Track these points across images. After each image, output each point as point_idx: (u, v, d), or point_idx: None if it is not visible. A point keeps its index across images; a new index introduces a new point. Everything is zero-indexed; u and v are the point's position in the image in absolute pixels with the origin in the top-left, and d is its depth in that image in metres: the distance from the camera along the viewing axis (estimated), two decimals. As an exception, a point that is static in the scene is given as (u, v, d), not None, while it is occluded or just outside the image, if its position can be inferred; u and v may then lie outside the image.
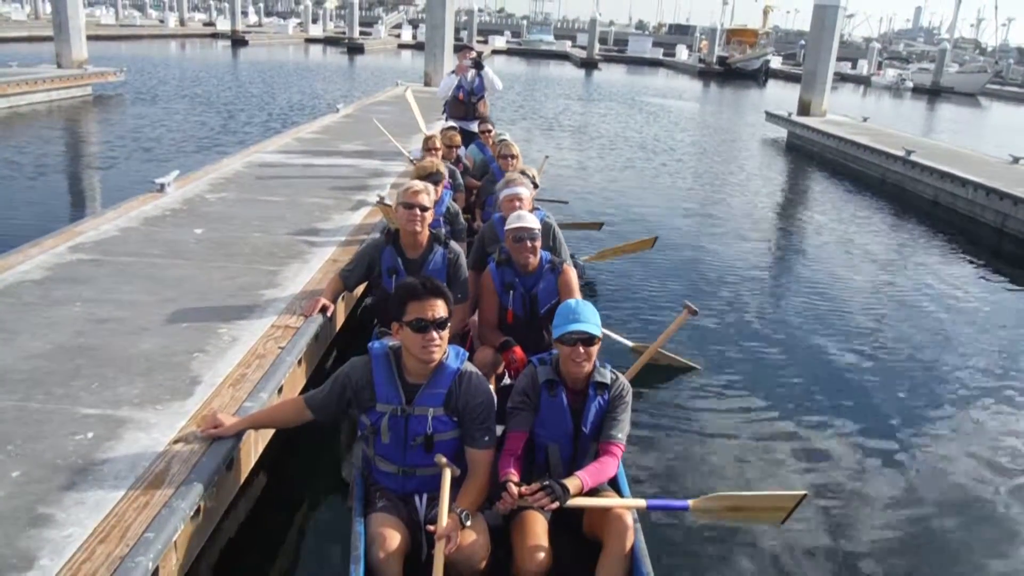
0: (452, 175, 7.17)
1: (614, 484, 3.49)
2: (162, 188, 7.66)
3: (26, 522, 2.70)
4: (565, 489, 3.03)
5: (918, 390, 6.08)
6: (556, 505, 3.01)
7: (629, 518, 3.14)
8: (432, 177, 5.80)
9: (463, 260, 4.90)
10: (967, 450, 5.18)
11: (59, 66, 21.32)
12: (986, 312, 8.26)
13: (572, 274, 4.66)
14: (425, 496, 3.21)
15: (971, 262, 10.51)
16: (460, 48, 11.64)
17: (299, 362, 4.26)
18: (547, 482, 3.04)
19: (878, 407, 5.72)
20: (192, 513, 2.90)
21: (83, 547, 2.61)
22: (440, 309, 3.07)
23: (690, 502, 3.26)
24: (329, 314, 4.86)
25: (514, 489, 3.04)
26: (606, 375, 3.37)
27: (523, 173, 6.05)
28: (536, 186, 6.69)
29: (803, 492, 3.22)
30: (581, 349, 3.24)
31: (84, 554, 2.58)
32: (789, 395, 5.80)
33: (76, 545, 2.61)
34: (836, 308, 7.94)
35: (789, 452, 4.97)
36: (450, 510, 2.92)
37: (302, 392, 4.01)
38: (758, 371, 6.19)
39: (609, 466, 3.26)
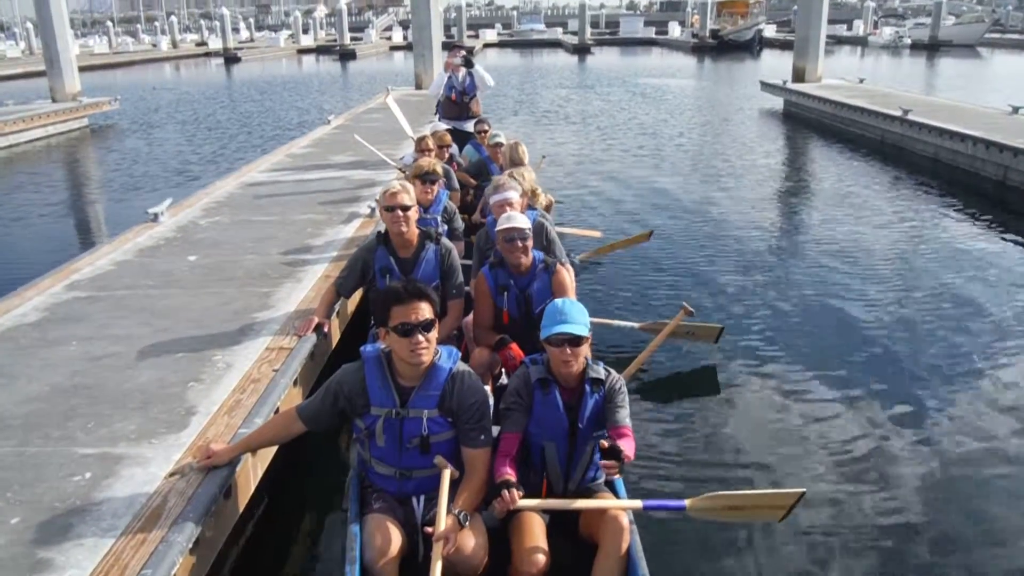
0: (446, 175, 7.18)
1: (610, 485, 3.51)
2: (156, 218, 7.72)
3: (26, 568, 2.74)
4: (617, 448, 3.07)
5: (928, 366, 5.88)
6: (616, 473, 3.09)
7: (625, 519, 3.14)
8: (428, 176, 5.83)
9: (455, 256, 4.92)
10: (983, 431, 4.98)
11: (53, 100, 21.47)
12: (994, 268, 8.18)
13: (565, 274, 4.64)
14: (422, 497, 3.24)
15: (975, 218, 10.44)
16: (450, 47, 11.62)
17: (295, 383, 4.28)
18: (611, 448, 3.06)
19: (885, 386, 5.57)
20: (191, 545, 2.93)
21: (82, 589, 2.65)
22: (424, 311, 3.08)
23: (687, 502, 3.25)
24: (325, 331, 4.90)
25: (514, 492, 3.05)
26: (599, 371, 3.37)
27: (512, 177, 6.05)
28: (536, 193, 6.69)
29: (802, 490, 3.19)
30: (568, 350, 3.25)
31: (84, 596, 2.62)
32: (793, 382, 5.69)
33: (75, 587, 2.65)
34: (843, 280, 7.84)
35: (792, 445, 4.89)
36: (448, 511, 2.93)
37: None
38: (758, 359, 6.08)
39: (630, 445, 3.26)
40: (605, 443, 3.11)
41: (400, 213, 4.68)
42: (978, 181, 12.45)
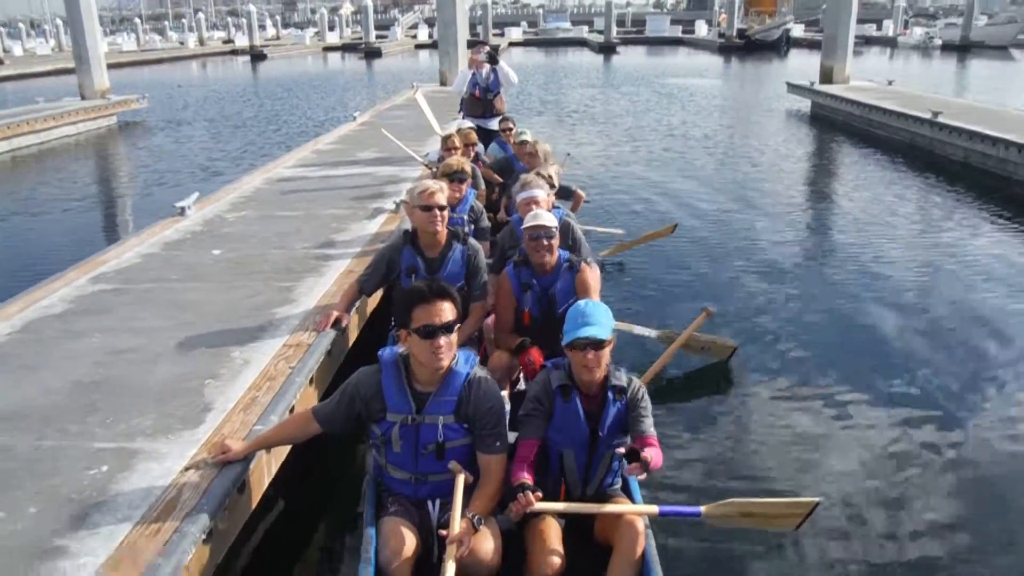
0: (472, 173, 7.17)
1: (626, 490, 3.49)
2: (183, 211, 7.78)
3: (42, 554, 2.78)
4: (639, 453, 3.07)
5: (952, 376, 5.76)
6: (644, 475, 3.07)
7: (640, 524, 3.11)
8: (457, 175, 5.80)
9: (482, 257, 4.88)
10: (1010, 448, 4.88)
11: (82, 97, 21.76)
12: None
13: (590, 273, 4.59)
14: (438, 501, 3.22)
15: (1007, 223, 10.26)
16: (474, 44, 11.60)
17: (310, 381, 4.27)
18: (632, 451, 3.05)
19: (907, 393, 5.49)
20: (204, 537, 2.95)
21: (96, 575, 2.67)
22: (447, 312, 3.05)
23: (702, 508, 3.22)
24: (344, 325, 4.90)
25: (529, 495, 3.02)
26: (622, 378, 3.33)
27: (539, 174, 6.03)
28: (553, 187, 6.66)
29: (817, 499, 3.15)
30: (591, 355, 3.20)
31: (97, 584, 2.64)
32: (812, 389, 5.61)
33: (89, 573, 2.68)
34: (867, 286, 7.72)
35: (809, 452, 4.83)
36: (462, 515, 2.92)
37: (315, 408, 4.05)
38: (778, 364, 6.01)
39: (657, 454, 3.24)
40: (623, 449, 3.09)
41: (437, 212, 4.64)
42: (1009, 185, 12.22)
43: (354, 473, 4.66)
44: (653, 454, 3.16)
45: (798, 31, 60.90)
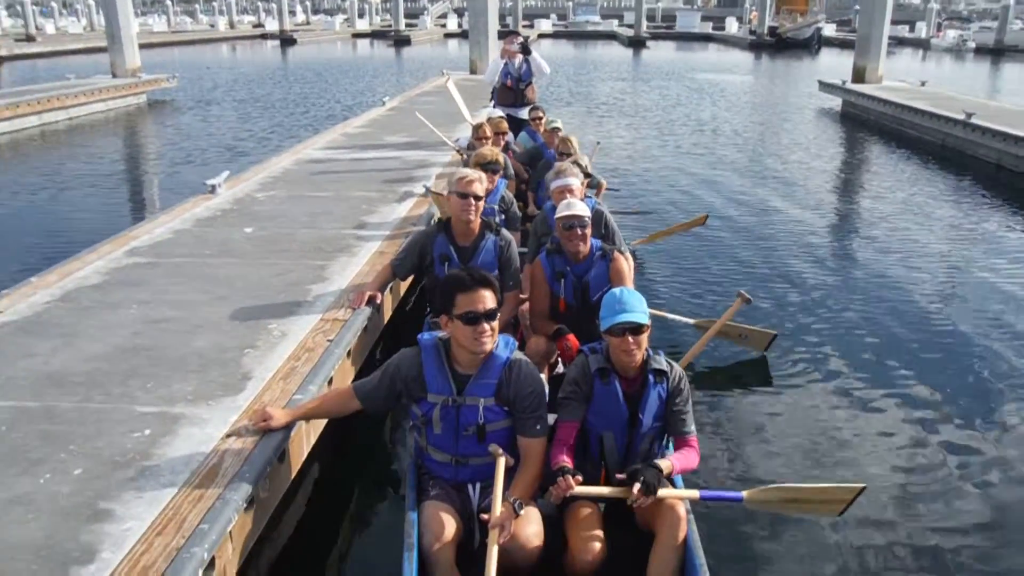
0: (504, 163, 7.16)
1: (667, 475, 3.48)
2: (213, 189, 7.83)
3: (87, 517, 2.81)
4: (658, 470, 3.04)
5: (992, 369, 5.76)
6: (651, 500, 3.00)
7: (682, 509, 3.10)
8: (491, 166, 5.77)
9: (514, 248, 4.89)
10: None
11: (114, 75, 21.92)
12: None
13: (623, 261, 4.59)
14: (478, 485, 3.24)
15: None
16: (506, 34, 11.58)
17: (347, 354, 4.33)
18: (638, 471, 3.01)
19: (948, 389, 5.46)
20: (246, 504, 2.98)
21: (142, 539, 2.70)
22: (489, 300, 3.07)
23: (744, 493, 3.21)
24: (378, 303, 4.93)
25: (569, 479, 3.02)
26: (662, 362, 3.32)
27: (576, 163, 6.02)
28: (588, 175, 6.65)
29: (862, 484, 3.12)
30: (630, 339, 3.20)
31: (143, 546, 2.67)
32: (851, 377, 5.60)
33: (135, 538, 2.71)
34: (902, 281, 7.68)
35: (850, 440, 4.81)
36: (503, 499, 2.93)
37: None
38: (817, 353, 6.01)
39: (692, 458, 3.26)
40: (622, 475, 3.08)
41: (472, 202, 4.64)
42: (1043, 188, 12.11)
43: (388, 450, 4.71)
44: (683, 459, 3.16)
45: (830, 30, 60.22)
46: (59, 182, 12.08)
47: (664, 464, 3.10)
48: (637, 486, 2.98)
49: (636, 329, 3.20)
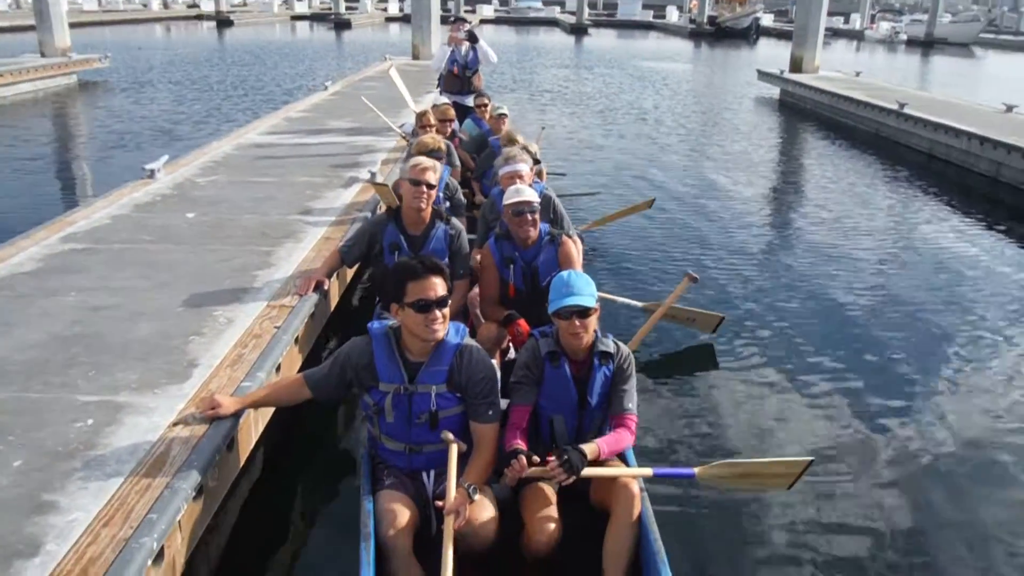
0: (447, 150, 7.13)
1: (620, 454, 3.49)
2: (152, 174, 7.63)
3: (30, 509, 2.73)
4: (583, 455, 3.04)
5: (923, 346, 6.05)
6: (572, 479, 3.03)
7: (636, 487, 3.15)
8: (433, 154, 5.75)
9: (464, 236, 4.89)
10: (975, 406, 5.15)
11: (43, 55, 21.17)
12: (985, 262, 8.27)
13: (572, 245, 4.63)
14: (433, 472, 3.24)
15: (968, 213, 10.52)
16: (454, 20, 11.52)
17: (295, 341, 4.27)
18: (565, 451, 3.03)
19: (883, 366, 5.70)
20: (195, 493, 2.93)
21: (88, 531, 2.64)
22: (440, 287, 3.07)
23: (696, 470, 3.27)
24: (325, 290, 4.88)
25: (523, 460, 3.03)
26: (609, 345, 3.36)
27: (525, 149, 6.01)
28: (538, 161, 6.66)
29: (810, 458, 3.21)
30: (577, 322, 3.24)
31: (89, 537, 2.61)
32: (792, 357, 5.77)
33: (81, 529, 2.64)
34: (838, 265, 7.94)
35: (796, 416, 4.96)
36: (458, 484, 2.94)
37: (300, 371, 4.03)
38: (762, 333, 6.17)
39: (625, 438, 3.29)
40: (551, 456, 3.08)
41: (424, 190, 4.62)
42: (971, 177, 12.52)
43: (337, 439, 4.68)
44: (605, 444, 3.18)
45: (768, 20, 61.28)
46: (-14, 165, 11.64)
47: (589, 448, 3.10)
48: (555, 461, 3.00)
49: (583, 312, 3.24)
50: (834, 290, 7.19)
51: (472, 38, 10.36)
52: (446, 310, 3.10)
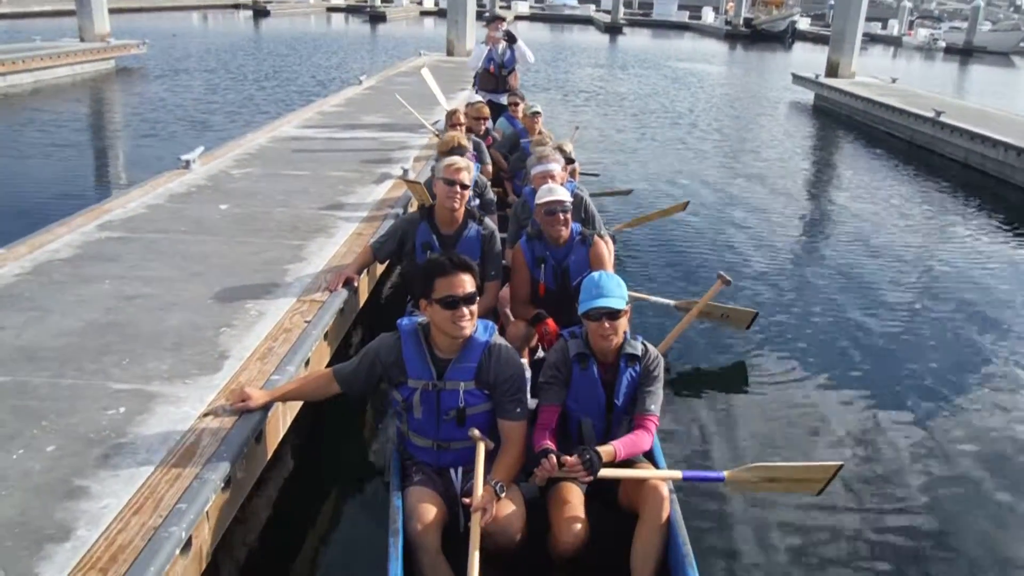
0: (477, 148, 7.16)
1: (649, 456, 3.50)
2: (187, 165, 7.72)
3: (63, 494, 2.78)
4: (599, 456, 3.05)
5: (955, 357, 6.03)
6: (591, 478, 3.04)
7: (665, 489, 3.14)
8: (455, 151, 5.77)
9: (497, 236, 4.89)
10: (1010, 419, 5.13)
11: (82, 40, 21.46)
12: (1018, 275, 8.19)
13: (603, 245, 4.64)
14: (461, 469, 3.27)
15: (1004, 225, 10.37)
16: (491, 19, 11.52)
17: (324, 336, 4.31)
18: (585, 450, 3.05)
19: (915, 375, 5.70)
20: (223, 484, 2.98)
21: (118, 518, 2.68)
22: (468, 284, 3.09)
23: (725, 473, 3.26)
24: (355, 286, 4.92)
25: (553, 459, 3.04)
26: (637, 347, 3.36)
27: (560, 149, 6.02)
28: (572, 161, 6.67)
29: (840, 463, 3.20)
30: (607, 324, 3.24)
31: (119, 524, 2.65)
32: (824, 363, 5.77)
33: (111, 516, 2.69)
34: (870, 272, 7.94)
35: (827, 421, 4.97)
36: (485, 482, 2.96)
37: (328, 366, 4.07)
38: (794, 338, 6.20)
39: (643, 439, 3.28)
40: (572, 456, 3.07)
41: (458, 189, 4.63)
42: (1007, 188, 12.36)
43: (364, 434, 4.73)
44: (623, 447, 3.17)
45: (804, 24, 60.68)
46: (24, 149, 11.81)
47: (604, 450, 3.10)
48: (576, 459, 3.01)
49: (612, 314, 3.24)
50: (866, 298, 7.16)
51: (510, 38, 10.39)
52: (474, 307, 3.12)
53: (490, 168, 7.60)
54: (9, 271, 4.84)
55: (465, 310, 3.07)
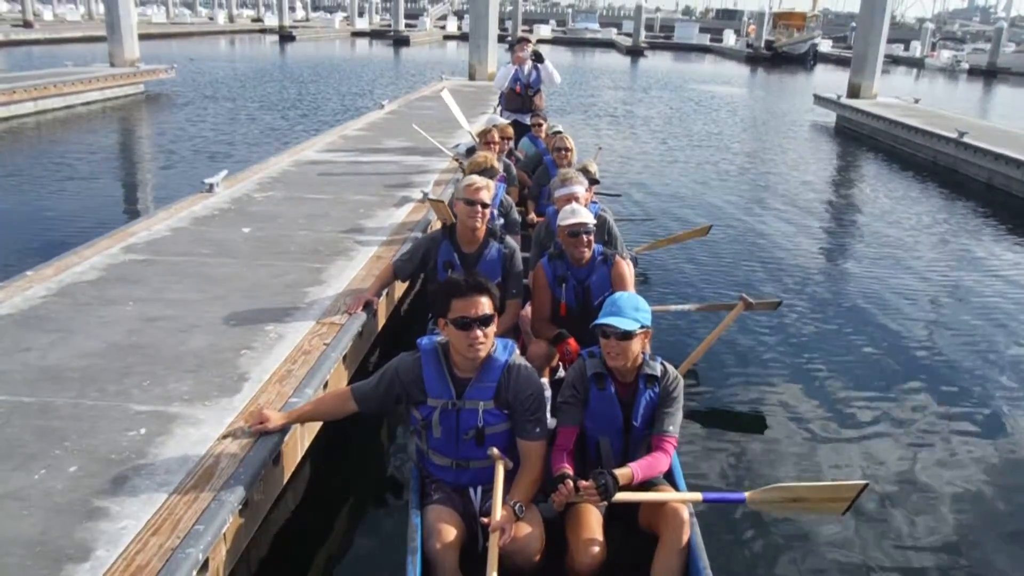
0: (505, 168, 7.21)
1: (669, 477, 3.47)
2: (211, 188, 7.83)
3: (82, 515, 2.82)
4: (615, 480, 3.04)
5: (979, 379, 6.00)
6: (606, 503, 3.03)
7: (685, 512, 3.12)
8: (487, 172, 5.81)
9: (519, 256, 4.91)
10: None
11: (112, 65, 21.89)
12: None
13: (625, 266, 4.65)
14: (480, 488, 3.27)
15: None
16: (517, 40, 11.62)
17: (343, 359, 4.34)
18: (601, 473, 3.04)
19: (938, 396, 5.66)
20: (240, 506, 3.00)
21: (137, 538, 2.71)
22: (484, 306, 3.10)
23: (747, 494, 3.23)
24: (374, 309, 4.95)
25: (570, 484, 3.04)
26: (656, 368, 3.35)
27: (585, 171, 6.06)
28: (596, 182, 6.72)
29: (864, 482, 3.14)
30: (614, 342, 3.24)
31: (138, 545, 2.68)
32: (846, 383, 5.77)
33: (130, 537, 2.72)
34: (893, 295, 7.88)
35: (849, 441, 4.95)
36: (504, 502, 2.96)
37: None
38: (816, 358, 6.18)
39: (661, 461, 3.26)
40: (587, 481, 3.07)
41: (479, 209, 4.66)
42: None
43: (382, 454, 4.75)
44: (640, 469, 3.15)
45: (825, 46, 60.71)
46: (55, 173, 12.04)
47: (622, 473, 3.09)
48: (591, 483, 3.00)
49: (622, 335, 3.23)
50: (889, 320, 7.12)
51: (538, 57, 10.48)
52: (489, 329, 3.13)
53: (516, 189, 7.64)
54: (36, 292, 4.93)
55: (479, 332, 3.09)
